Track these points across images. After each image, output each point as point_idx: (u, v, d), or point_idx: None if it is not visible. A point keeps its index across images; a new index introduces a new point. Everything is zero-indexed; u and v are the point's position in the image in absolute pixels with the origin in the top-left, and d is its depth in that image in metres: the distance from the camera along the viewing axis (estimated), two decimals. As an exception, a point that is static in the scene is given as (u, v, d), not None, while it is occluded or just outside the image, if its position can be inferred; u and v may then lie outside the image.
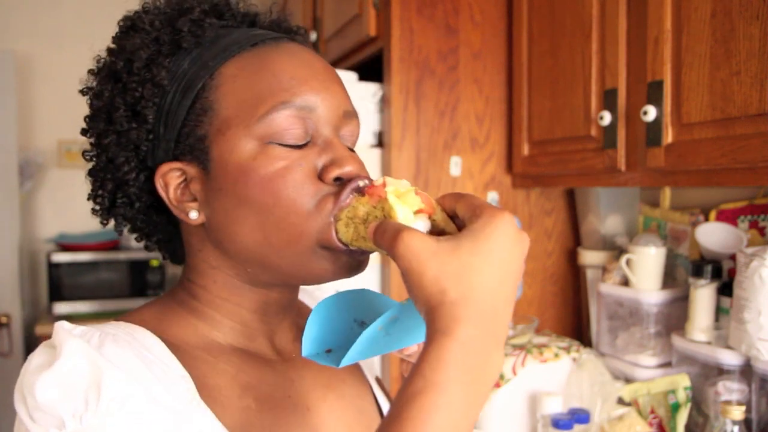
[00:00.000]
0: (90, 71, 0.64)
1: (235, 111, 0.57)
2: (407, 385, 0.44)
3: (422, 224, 0.51)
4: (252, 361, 0.63)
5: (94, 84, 0.63)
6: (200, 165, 0.58)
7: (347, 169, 0.57)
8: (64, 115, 3.08)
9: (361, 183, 0.57)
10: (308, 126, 0.58)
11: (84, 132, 0.64)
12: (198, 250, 0.62)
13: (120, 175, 0.60)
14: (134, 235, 0.68)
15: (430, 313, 0.46)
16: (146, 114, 0.58)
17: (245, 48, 0.59)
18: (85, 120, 0.63)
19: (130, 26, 0.62)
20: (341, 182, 0.57)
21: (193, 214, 0.59)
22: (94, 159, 0.63)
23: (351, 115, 0.62)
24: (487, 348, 0.45)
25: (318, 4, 1.97)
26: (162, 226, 0.66)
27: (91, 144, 0.63)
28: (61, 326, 0.52)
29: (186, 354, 0.58)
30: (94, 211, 0.65)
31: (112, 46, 0.62)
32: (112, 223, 0.66)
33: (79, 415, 0.47)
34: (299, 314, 0.76)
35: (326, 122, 0.59)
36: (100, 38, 0.66)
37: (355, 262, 0.58)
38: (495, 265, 0.46)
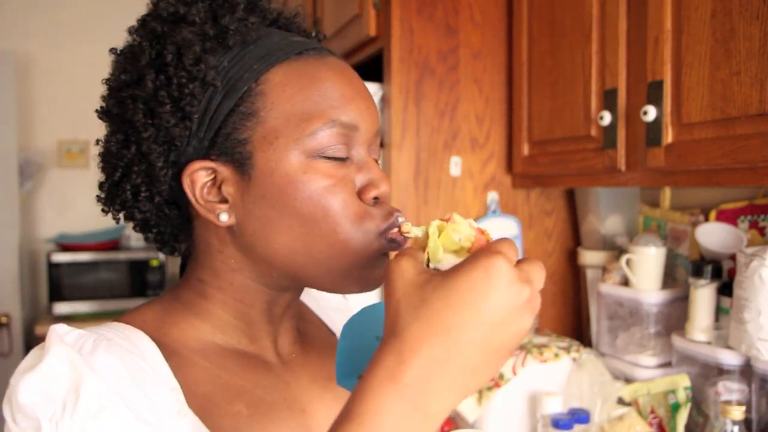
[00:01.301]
0: (114, 50, 0.61)
1: (283, 122, 0.57)
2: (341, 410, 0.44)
3: (455, 261, 0.50)
4: (249, 364, 0.63)
5: (126, 68, 0.59)
6: (238, 168, 0.58)
7: (383, 189, 0.61)
8: (64, 115, 3.10)
9: (400, 218, 0.61)
10: (350, 144, 0.60)
11: (104, 114, 0.61)
12: (218, 250, 0.61)
13: (153, 171, 0.59)
14: (132, 225, 0.65)
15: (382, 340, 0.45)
16: (191, 112, 0.57)
17: (290, 56, 0.59)
18: (108, 103, 0.60)
19: (173, 13, 0.59)
20: (377, 201, 0.61)
21: (224, 216, 0.59)
22: (121, 149, 0.60)
23: (379, 134, 0.65)
24: (422, 392, 0.42)
25: (318, 4, 1.97)
26: (172, 220, 0.64)
27: (113, 131, 0.60)
28: (54, 330, 0.52)
29: (182, 359, 0.58)
30: (99, 198, 0.63)
31: (148, 30, 0.59)
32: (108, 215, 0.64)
33: (55, 420, 0.47)
34: (300, 316, 0.77)
35: (364, 141, 0.61)
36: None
37: (378, 284, 0.61)
38: (460, 307, 0.43)
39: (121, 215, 0.64)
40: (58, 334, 0.51)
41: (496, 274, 0.43)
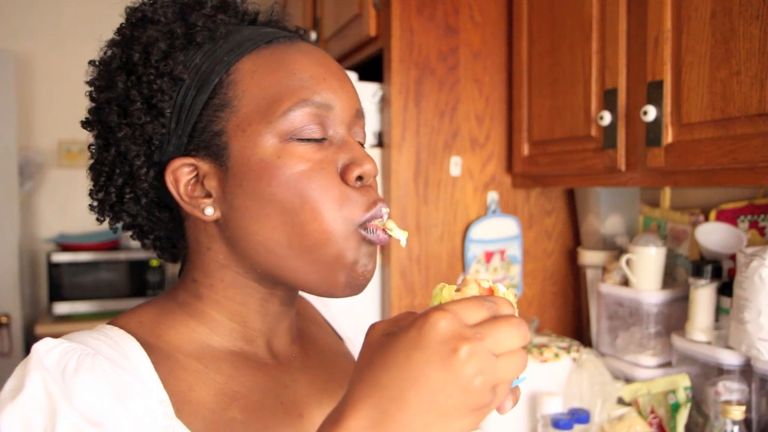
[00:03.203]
0: (92, 62, 0.63)
1: (255, 107, 0.57)
2: None
3: None
4: (245, 366, 0.62)
5: (100, 75, 0.61)
6: (216, 161, 0.58)
7: (367, 168, 0.58)
8: (64, 115, 3.09)
9: (384, 209, 0.59)
10: (326, 124, 0.59)
11: (87, 124, 0.62)
12: (207, 248, 0.61)
13: (132, 170, 0.60)
14: (130, 233, 0.67)
15: None
16: (163, 107, 0.58)
17: (260, 45, 0.60)
18: (89, 112, 0.62)
19: (141, 17, 0.60)
20: (362, 181, 0.59)
21: (209, 211, 0.59)
22: (102, 153, 0.61)
23: (361, 115, 0.64)
24: None
25: (318, 4, 1.97)
26: (164, 223, 0.65)
27: (95, 137, 0.62)
28: (36, 351, 0.51)
29: (176, 363, 0.58)
30: (92, 207, 0.64)
31: (120, 37, 0.61)
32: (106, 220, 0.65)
33: None
34: (304, 316, 0.76)
35: (342, 121, 0.60)
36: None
37: (364, 282, 0.60)
38: (393, 367, 0.41)
39: (119, 225, 0.65)
40: (39, 357, 0.51)
41: (427, 333, 0.41)
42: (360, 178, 0.59)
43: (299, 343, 0.70)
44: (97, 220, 0.65)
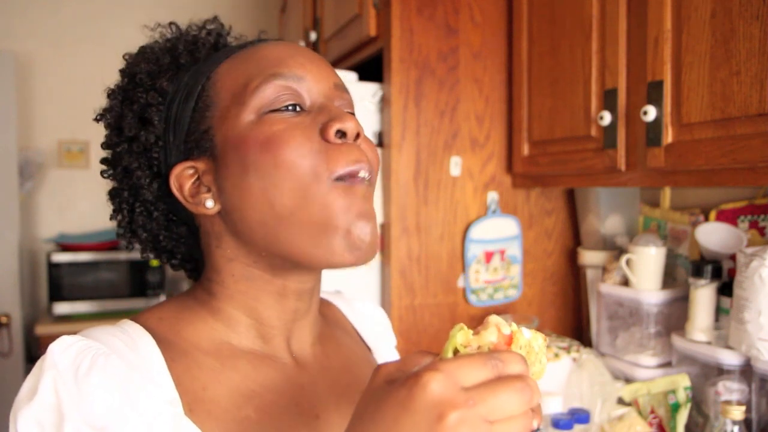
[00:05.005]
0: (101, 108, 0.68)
1: (230, 96, 0.61)
2: None
3: None
4: (262, 366, 0.62)
5: (107, 111, 0.67)
6: (209, 156, 0.61)
7: (348, 124, 0.58)
8: (64, 115, 3.09)
9: (363, 173, 0.59)
10: (300, 93, 0.60)
11: (104, 160, 0.68)
12: (216, 246, 0.64)
13: (134, 181, 0.63)
14: (161, 257, 0.70)
15: None
16: (152, 118, 0.62)
17: (235, 51, 0.65)
18: (102, 147, 0.67)
19: (134, 54, 0.67)
20: (343, 136, 0.59)
21: (209, 203, 0.61)
22: (111, 175, 0.66)
23: (342, 88, 0.65)
24: None
25: (318, 4, 1.97)
26: (183, 239, 0.68)
27: (106, 164, 0.67)
28: (52, 351, 0.52)
29: (192, 361, 0.58)
30: (119, 234, 0.68)
31: (119, 74, 0.67)
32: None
33: None
34: (329, 320, 0.76)
35: (318, 91, 0.62)
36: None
37: (363, 246, 0.58)
38: (380, 426, 0.40)
39: (151, 255, 0.69)
40: (54, 357, 0.52)
41: (417, 394, 0.39)
42: (341, 134, 0.59)
43: (323, 346, 0.70)
44: (127, 247, 0.69)
